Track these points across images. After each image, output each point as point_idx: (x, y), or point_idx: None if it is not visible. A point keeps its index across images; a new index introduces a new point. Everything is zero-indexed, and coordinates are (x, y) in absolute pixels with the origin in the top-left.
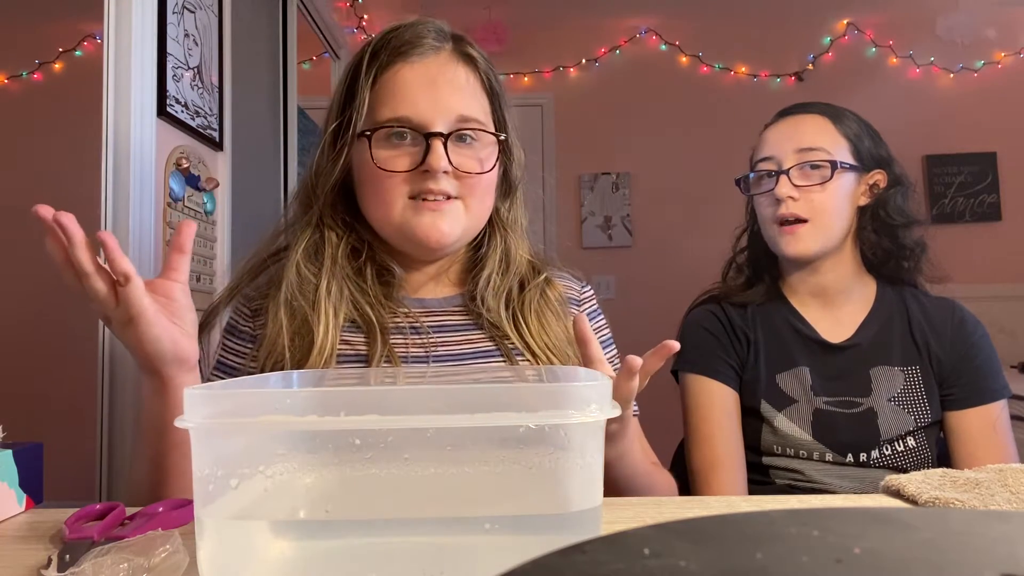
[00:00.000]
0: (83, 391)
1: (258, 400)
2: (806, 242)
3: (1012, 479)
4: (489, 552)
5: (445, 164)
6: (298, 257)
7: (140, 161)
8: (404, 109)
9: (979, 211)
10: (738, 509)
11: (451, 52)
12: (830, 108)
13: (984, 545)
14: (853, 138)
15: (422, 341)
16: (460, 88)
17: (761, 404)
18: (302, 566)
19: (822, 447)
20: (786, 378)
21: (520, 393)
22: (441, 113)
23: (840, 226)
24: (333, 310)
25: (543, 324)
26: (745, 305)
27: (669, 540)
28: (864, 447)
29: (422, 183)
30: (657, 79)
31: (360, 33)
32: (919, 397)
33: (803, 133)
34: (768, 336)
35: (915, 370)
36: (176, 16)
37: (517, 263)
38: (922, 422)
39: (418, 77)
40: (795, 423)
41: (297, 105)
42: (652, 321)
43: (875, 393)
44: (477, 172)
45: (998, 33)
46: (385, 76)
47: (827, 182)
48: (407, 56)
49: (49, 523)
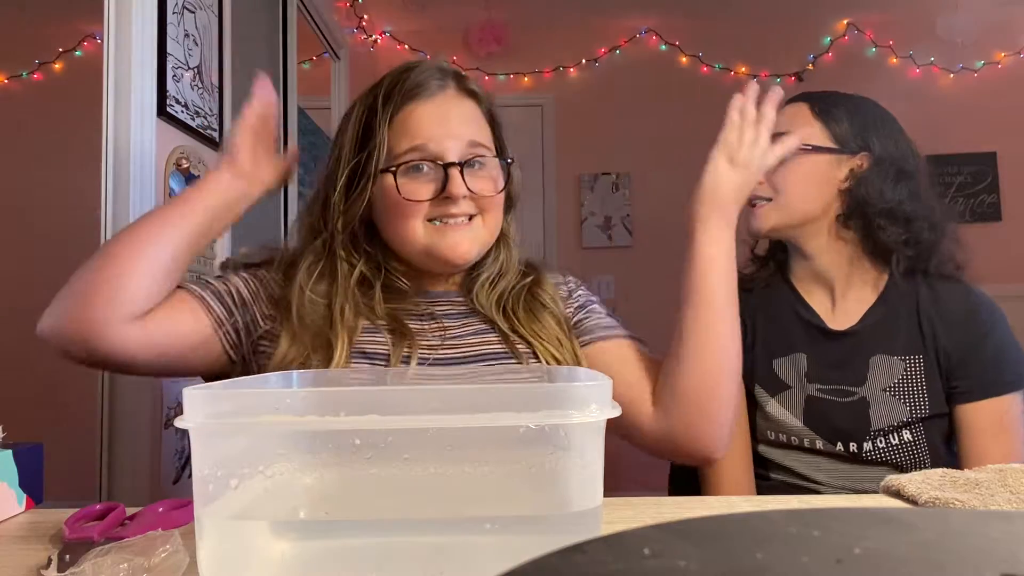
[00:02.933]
0: (83, 391)
1: (258, 400)
2: (762, 218)
3: (1012, 479)
4: (489, 552)
5: (464, 190)
6: (309, 284)
7: (140, 161)
8: (421, 140)
9: (979, 211)
10: (738, 509)
11: (455, 89)
12: (814, 95)
13: (984, 545)
14: (830, 122)
15: (437, 324)
16: (468, 119)
17: (755, 388)
18: (302, 566)
19: (812, 434)
20: (782, 364)
21: (520, 393)
22: (454, 141)
23: (803, 207)
24: (348, 336)
25: (534, 316)
26: (749, 289)
27: (669, 540)
28: (855, 437)
29: (444, 208)
30: (657, 79)
31: (360, 33)
32: (918, 388)
33: (787, 118)
34: (768, 321)
35: (918, 360)
36: (176, 16)
37: (513, 269)
38: (918, 414)
39: (431, 112)
40: (787, 408)
41: (297, 105)
42: (652, 321)
43: (869, 382)
44: (492, 193)
45: (998, 33)
46: (400, 116)
47: (786, 163)
48: (418, 97)
49: (49, 523)
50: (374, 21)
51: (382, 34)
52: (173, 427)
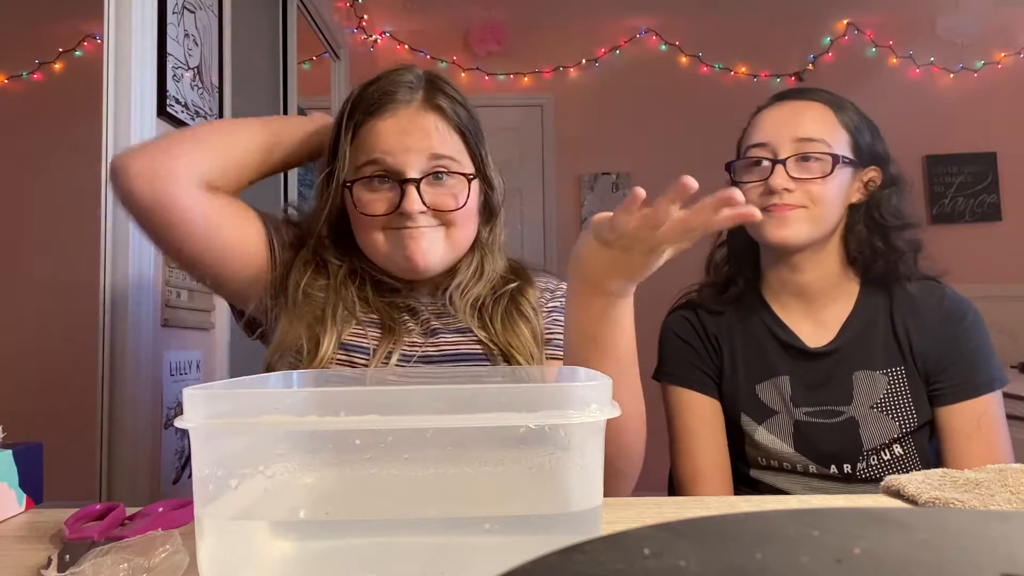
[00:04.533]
0: (83, 391)
1: (258, 400)
2: (795, 227)
3: (1012, 479)
4: (489, 552)
5: (419, 207)
6: (303, 282)
7: None
8: (377, 155)
9: (979, 211)
10: (738, 509)
11: (420, 103)
12: (832, 97)
13: (984, 545)
14: (853, 131)
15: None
16: (430, 134)
17: (741, 417)
18: (302, 566)
19: (804, 459)
20: (766, 388)
21: (520, 393)
22: (413, 156)
23: (831, 221)
24: (338, 332)
25: (510, 327)
26: (721, 313)
27: (669, 540)
28: (847, 458)
29: (401, 223)
30: (657, 79)
31: (360, 33)
32: (903, 401)
33: (803, 121)
34: (746, 344)
35: (899, 371)
36: (176, 16)
37: (489, 275)
38: (907, 427)
39: (390, 127)
40: (776, 436)
41: (297, 105)
42: (650, 321)
43: (856, 401)
44: (451, 209)
45: (998, 33)
46: (363, 130)
47: (827, 176)
48: (380, 112)
49: (49, 523)
50: (374, 21)
51: (382, 34)
52: (173, 427)
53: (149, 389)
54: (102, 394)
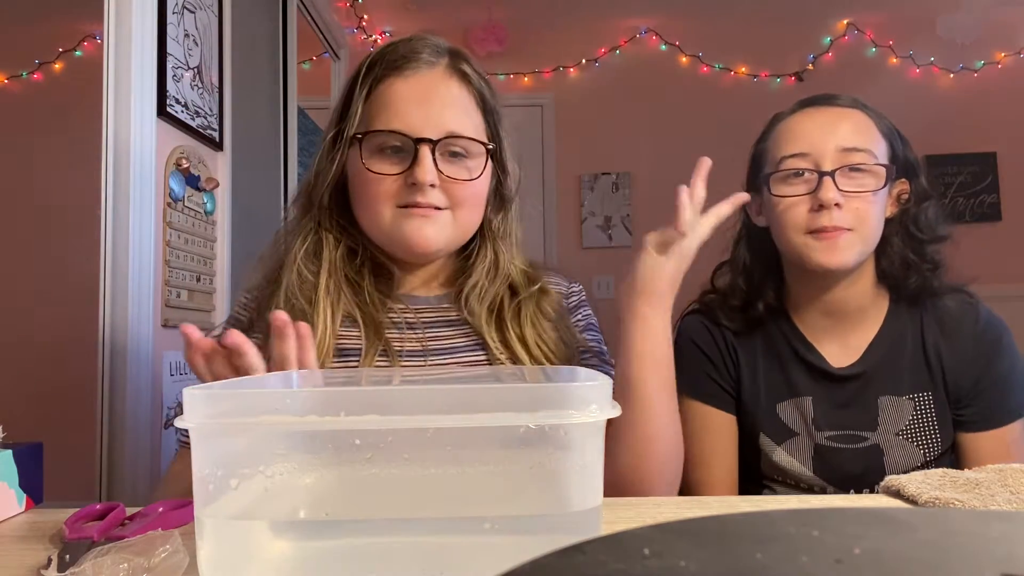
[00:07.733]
0: (83, 391)
1: (258, 400)
2: (846, 253)
3: (1012, 479)
4: (489, 552)
5: (432, 177)
6: (299, 257)
7: (140, 161)
8: (396, 122)
9: (979, 211)
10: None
11: (445, 68)
12: (862, 102)
13: (984, 545)
14: (890, 139)
15: (417, 336)
16: (451, 103)
17: (760, 437)
18: (302, 566)
19: (823, 482)
20: (787, 408)
21: (520, 393)
22: (432, 126)
23: (877, 239)
24: (331, 309)
25: (538, 332)
26: (746, 333)
27: (669, 540)
28: (868, 483)
29: (410, 196)
30: (657, 79)
31: (360, 33)
32: (929, 427)
33: (846, 130)
34: (769, 361)
35: (926, 397)
36: (176, 16)
37: (507, 273)
38: (932, 454)
39: (411, 90)
40: (795, 458)
41: (297, 105)
42: None
43: (881, 427)
44: (466, 179)
45: (998, 33)
46: (379, 89)
47: (879, 190)
48: (401, 70)
49: (49, 523)
50: (374, 21)
51: (382, 34)
52: (173, 427)
53: (149, 389)
54: (102, 394)
